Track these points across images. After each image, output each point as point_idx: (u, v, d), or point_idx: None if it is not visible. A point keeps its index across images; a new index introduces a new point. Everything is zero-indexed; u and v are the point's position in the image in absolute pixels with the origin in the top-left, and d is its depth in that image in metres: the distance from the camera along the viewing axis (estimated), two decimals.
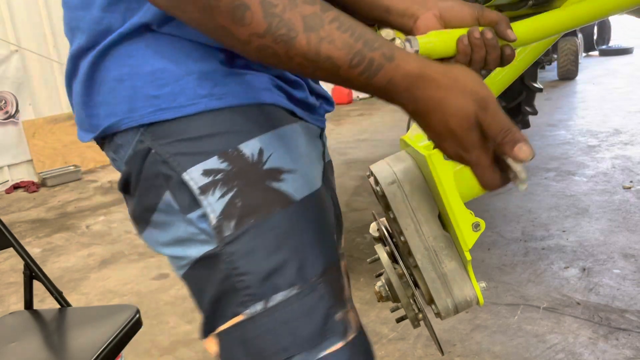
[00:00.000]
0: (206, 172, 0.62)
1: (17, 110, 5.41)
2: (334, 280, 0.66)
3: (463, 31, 0.69)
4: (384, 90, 0.56)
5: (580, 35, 9.21)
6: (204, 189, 0.62)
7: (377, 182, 0.80)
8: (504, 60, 0.71)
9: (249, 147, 0.63)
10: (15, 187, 5.34)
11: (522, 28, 0.76)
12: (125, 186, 0.69)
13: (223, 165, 0.62)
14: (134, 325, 1.31)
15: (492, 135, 0.56)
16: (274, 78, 0.69)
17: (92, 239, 3.61)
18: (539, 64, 5.65)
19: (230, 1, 0.51)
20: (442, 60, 0.69)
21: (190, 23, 0.56)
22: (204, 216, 0.62)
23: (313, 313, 0.63)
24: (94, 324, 1.32)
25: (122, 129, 0.63)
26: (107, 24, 0.63)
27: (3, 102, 5.31)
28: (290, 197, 0.64)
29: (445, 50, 0.69)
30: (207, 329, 0.67)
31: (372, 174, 0.82)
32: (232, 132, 0.63)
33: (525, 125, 4.81)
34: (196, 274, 0.66)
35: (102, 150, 0.71)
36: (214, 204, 0.62)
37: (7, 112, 5.35)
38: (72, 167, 5.61)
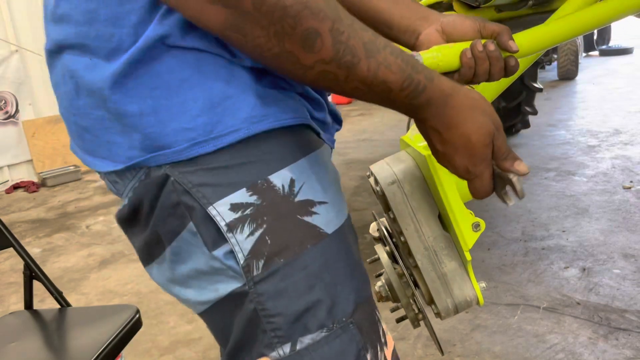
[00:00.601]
0: (234, 207, 0.57)
1: (17, 110, 5.42)
2: (366, 316, 0.63)
3: (466, 44, 0.69)
4: (419, 107, 0.59)
5: (580, 35, 9.20)
6: (232, 226, 0.57)
7: (377, 182, 0.80)
8: (507, 71, 0.71)
9: (280, 178, 0.59)
10: (15, 187, 5.35)
11: (523, 39, 0.76)
12: (132, 215, 0.63)
13: (252, 199, 0.58)
14: (134, 325, 1.31)
15: (500, 153, 0.62)
16: (300, 97, 0.65)
17: (92, 239, 3.61)
18: (539, 64, 5.66)
19: (304, 29, 0.50)
20: (446, 74, 0.69)
21: (247, 47, 0.52)
22: (231, 253, 0.58)
23: (343, 356, 0.60)
24: (94, 324, 1.32)
25: (151, 165, 0.58)
26: (118, 41, 0.56)
27: (3, 102, 5.31)
28: (322, 232, 0.61)
29: (449, 64, 0.69)
30: None
31: (372, 174, 0.82)
32: (262, 160, 0.59)
33: (525, 125, 4.81)
34: (221, 311, 0.62)
35: (102, 175, 0.65)
36: (242, 243, 0.58)
37: (7, 112, 5.35)
38: (72, 167, 5.61)
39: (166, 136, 0.56)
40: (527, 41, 0.76)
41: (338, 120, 0.79)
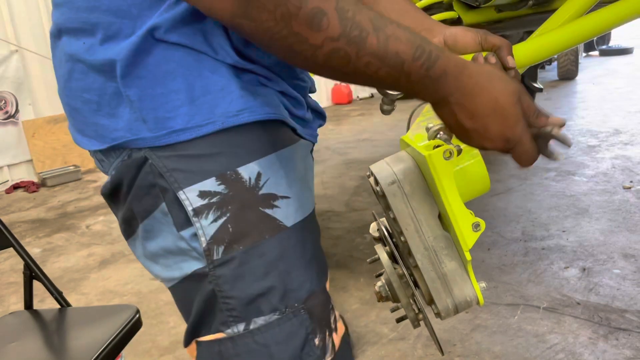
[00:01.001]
0: (202, 194, 0.62)
1: (17, 110, 5.42)
2: (318, 303, 0.68)
3: (467, 58, 0.70)
4: (437, 80, 0.59)
5: None
6: (198, 211, 0.62)
7: (377, 182, 0.80)
8: None
9: (248, 171, 0.64)
10: (15, 187, 5.35)
11: (523, 51, 0.76)
12: (113, 192, 0.68)
13: (220, 188, 0.62)
14: (134, 325, 1.31)
15: (530, 112, 0.62)
16: (279, 95, 0.69)
17: (92, 239, 3.61)
18: (539, 64, 5.66)
19: (309, 9, 0.52)
20: None
21: (256, 32, 0.54)
22: (196, 236, 0.63)
23: (292, 338, 0.65)
24: (94, 324, 1.32)
25: (132, 147, 0.63)
26: (116, 30, 0.61)
27: (3, 102, 5.31)
28: (281, 224, 0.65)
29: None
30: (190, 337, 0.69)
31: (372, 174, 0.82)
32: (234, 152, 0.63)
33: None
34: (184, 288, 0.67)
35: (92, 153, 0.70)
36: (205, 227, 0.62)
37: (7, 112, 5.35)
38: (72, 167, 5.61)
39: (148, 122, 0.61)
40: (527, 53, 0.76)
41: (321, 116, 0.83)
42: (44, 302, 2.31)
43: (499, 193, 3.49)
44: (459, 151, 0.75)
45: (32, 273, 1.48)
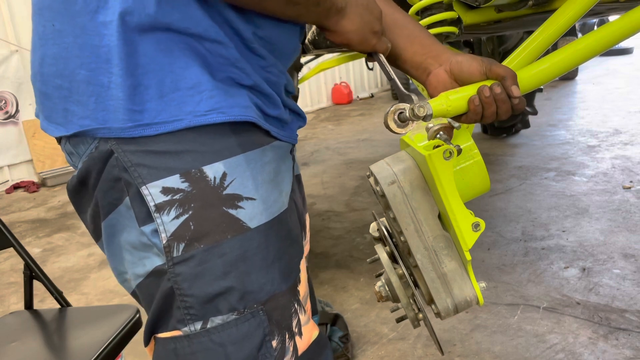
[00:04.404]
0: (165, 190, 0.62)
1: (17, 110, 5.41)
2: (279, 306, 0.67)
3: (472, 89, 0.71)
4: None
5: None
6: (160, 207, 0.62)
7: (377, 182, 0.80)
8: (514, 110, 0.73)
9: (213, 170, 0.64)
10: (15, 187, 5.35)
11: (528, 76, 0.77)
12: (80, 186, 0.68)
13: (184, 186, 0.62)
14: (134, 325, 1.31)
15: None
16: (251, 94, 0.69)
17: (92, 239, 3.61)
18: None
19: None
20: (455, 117, 0.74)
21: None
22: (156, 232, 0.63)
23: (249, 339, 0.65)
24: (94, 324, 1.32)
25: (98, 136, 0.63)
26: (92, 12, 0.60)
27: (3, 102, 5.31)
28: (245, 225, 0.65)
29: (457, 110, 0.71)
30: (148, 334, 0.69)
31: (372, 174, 0.82)
32: (200, 151, 0.63)
33: (525, 125, 4.81)
34: (147, 285, 0.67)
35: (59, 143, 0.70)
36: (167, 224, 0.62)
37: (7, 112, 5.35)
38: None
39: (116, 112, 0.61)
40: (530, 80, 0.77)
41: (300, 117, 0.83)
42: (44, 302, 2.31)
43: (499, 193, 3.49)
44: (459, 151, 0.75)
45: (32, 273, 1.48)
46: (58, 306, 1.50)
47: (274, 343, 0.66)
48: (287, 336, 0.68)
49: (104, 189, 0.65)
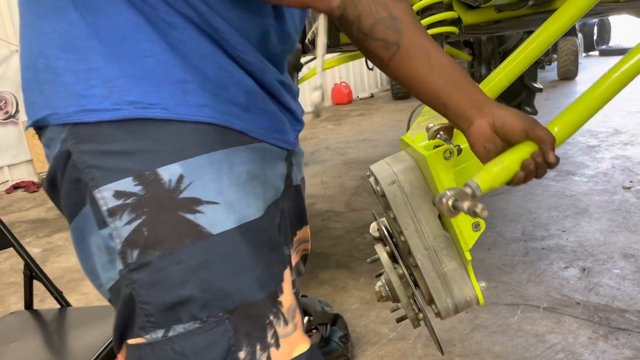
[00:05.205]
0: (118, 194, 0.59)
1: (17, 110, 5.42)
2: (248, 317, 0.63)
3: (514, 160, 0.70)
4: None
5: (580, 35, 9.22)
6: (112, 212, 0.59)
7: (377, 182, 0.80)
8: (551, 169, 0.72)
9: (169, 172, 0.60)
10: (15, 187, 5.35)
11: (563, 126, 0.77)
12: (51, 184, 0.66)
13: (137, 189, 0.59)
14: None
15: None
16: (221, 90, 0.64)
17: None
18: (539, 64, 5.65)
19: None
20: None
21: None
22: (112, 237, 0.60)
23: (212, 349, 0.61)
24: (94, 324, 1.32)
25: (52, 123, 0.61)
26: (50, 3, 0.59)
27: (3, 102, 5.31)
28: (205, 231, 0.61)
29: (502, 182, 0.70)
30: (117, 340, 0.67)
31: (372, 174, 0.82)
32: (156, 151, 0.60)
33: None
34: (116, 288, 0.64)
35: (40, 140, 0.68)
36: (120, 229, 0.59)
37: (7, 112, 5.35)
38: None
39: (65, 98, 0.59)
40: (565, 129, 0.77)
41: (297, 121, 0.78)
42: (44, 302, 2.31)
43: (499, 193, 3.49)
44: (459, 151, 0.75)
45: (32, 273, 1.48)
46: (58, 306, 1.50)
47: (242, 354, 0.63)
48: (258, 347, 0.64)
49: (67, 190, 0.63)
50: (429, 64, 0.73)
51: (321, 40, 0.58)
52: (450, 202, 0.64)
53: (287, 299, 0.69)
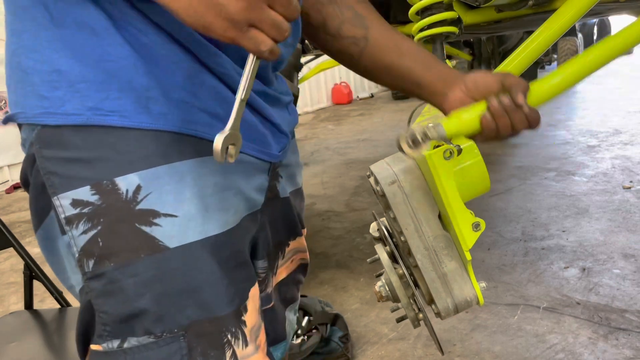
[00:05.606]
0: (75, 202, 0.58)
1: None
2: (204, 334, 0.61)
3: (482, 106, 0.70)
4: None
5: (580, 35, 9.22)
6: (69, 220, 0.59)
7: (377, 182, 0.80)
8: (530, 122, 0.71)
9: (126, 182, 0.58)
10: (16, 187, 5.35)
11: (539, 89, 0.76)
12: (25, 183, 0.66)
13: (93, 198, 0.58)
14: None
15: None
16: (200, 96, 0.62)
17: None
18: (538, 64, 5.66)
19: None
20: (471, 137, 0.72)
21: None
22: (70, 245, 0.60)
23: None
24: None
25: (18, 121, 0.61)
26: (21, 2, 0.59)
27: (3, 102, 5.31)
28: (161, 245, 0.59)
29: (471, 128, 0.70)
30: (80, 345, 0.67)
31: (372, 174, 0.82)
32: (115, 160, 0.58)
33: None
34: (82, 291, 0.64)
35: None
36: (76, 238, 0.59)
37: (7, 113, 5.35)
38: None
39: (32, 98, 0.59)
40: (543, 91, 0.76)
41: (281, 133, 0.75)
42: (44, 302, 2.31)
43: (499, 193, 3.49)
44: (459, 151, 0.75)
45: (32, 273, 1.48)
46: (58, 306, 1.50)
47: None
48: None
49: (34, 194, 0.63)
50: (399, 51, 0.77)
51: (242, 83, 0.54)
52: (408, 139, 0.67)
53: (251, 318, 0.67)
